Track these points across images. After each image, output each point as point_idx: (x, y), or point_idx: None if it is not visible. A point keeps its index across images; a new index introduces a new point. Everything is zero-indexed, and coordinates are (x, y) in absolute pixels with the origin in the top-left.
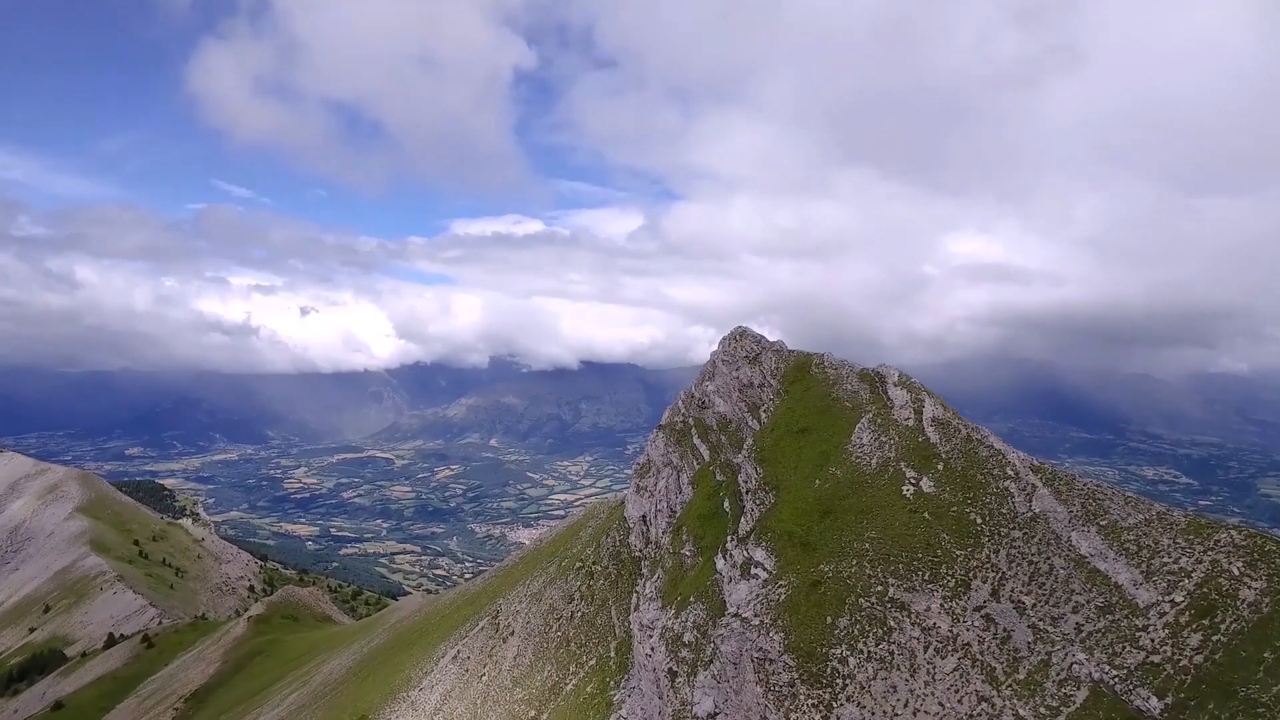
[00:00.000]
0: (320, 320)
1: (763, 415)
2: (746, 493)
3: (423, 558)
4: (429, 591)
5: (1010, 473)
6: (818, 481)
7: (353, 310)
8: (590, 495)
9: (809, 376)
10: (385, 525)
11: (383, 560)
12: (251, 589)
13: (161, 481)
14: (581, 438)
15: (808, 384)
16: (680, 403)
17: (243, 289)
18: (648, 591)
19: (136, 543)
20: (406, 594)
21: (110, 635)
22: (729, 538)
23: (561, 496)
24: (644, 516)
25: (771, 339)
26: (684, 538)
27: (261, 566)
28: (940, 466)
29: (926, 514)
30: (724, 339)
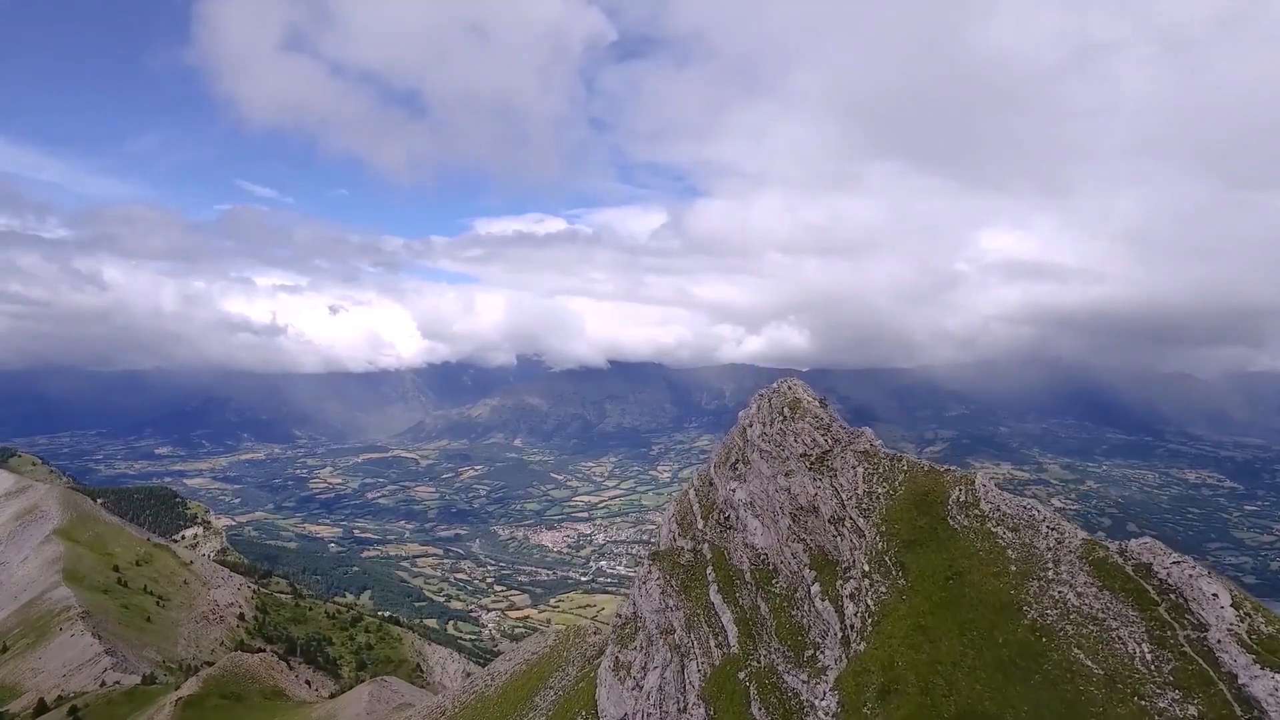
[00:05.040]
0: (346, 320)
1: (849, 601)
2: None
3: (444, 561)
4: (419, 632)
5: None
6: None
7: (378, 310)
8: (614, 496)
9: (948, 532)
10: (409, 526)
11: (404, 563)
12: (241, 616)
13: (187, 481)
14: (606, 438)
15: (951, 550)
16: (692, 497)
17: (268, 289)
18: None
19: (116, 569)
20: (424, 602)
21: (41, 701)
22: None
23: (585, 498)
24: None
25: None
26: None
27: (255, 592)
28: None
29: None
30: (761, 401)
